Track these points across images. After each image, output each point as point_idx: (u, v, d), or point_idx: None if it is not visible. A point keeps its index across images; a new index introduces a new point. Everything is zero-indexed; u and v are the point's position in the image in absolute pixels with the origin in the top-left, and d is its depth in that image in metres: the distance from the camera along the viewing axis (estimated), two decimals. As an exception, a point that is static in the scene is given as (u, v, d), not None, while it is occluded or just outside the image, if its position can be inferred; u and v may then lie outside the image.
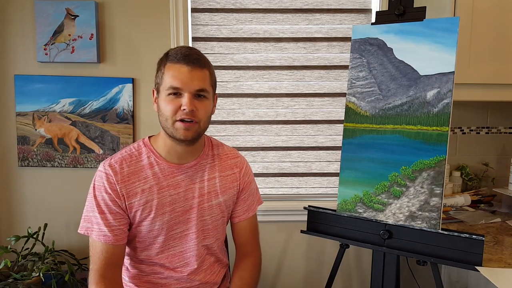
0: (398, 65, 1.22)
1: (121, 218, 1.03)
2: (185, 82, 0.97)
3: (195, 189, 1.09)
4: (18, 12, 1.80)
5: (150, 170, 1.06)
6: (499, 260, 1.19)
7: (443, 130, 1.14)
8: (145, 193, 1.04)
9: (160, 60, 1.04)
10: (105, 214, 1.01)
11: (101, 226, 1.01)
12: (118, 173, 1.03)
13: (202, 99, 1.01)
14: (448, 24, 1.14)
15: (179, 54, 0.99)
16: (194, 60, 0.99)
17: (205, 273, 1.14)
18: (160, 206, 1.05)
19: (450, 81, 1.13)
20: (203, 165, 1.12)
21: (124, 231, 1.04)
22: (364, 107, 1.28)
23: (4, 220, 1.90)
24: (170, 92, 0.98)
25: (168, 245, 1.08)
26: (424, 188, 1.16)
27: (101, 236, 1.00)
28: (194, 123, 0.99)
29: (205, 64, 1.02)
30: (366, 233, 1.27)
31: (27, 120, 1.83)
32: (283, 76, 1.92)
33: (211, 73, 1.04)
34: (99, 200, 1.02)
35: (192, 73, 0.98)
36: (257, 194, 1.27)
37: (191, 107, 0.97)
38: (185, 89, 0.98)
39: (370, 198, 1.25)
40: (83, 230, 1.03)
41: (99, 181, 1.03)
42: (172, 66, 0.99)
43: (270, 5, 1.90)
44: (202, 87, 0.99)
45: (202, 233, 1.11)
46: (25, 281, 1.52)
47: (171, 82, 0.97)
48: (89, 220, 1.03)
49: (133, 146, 1.10)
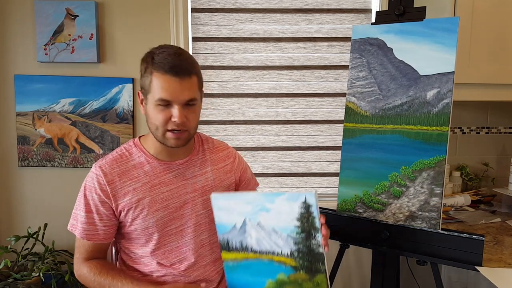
0: (398, 65, 1.22)
1: (108, 219, 1.06)
2: (175, 95, 0.96)
3: (187, 185, 1.11)
4: (18, 12, 1.80)
5: (141, 169, 1.07)
6: (499, 260, 1.19)
7: (443, 130, 1.14)
8: (137, 192, 1.05)
9: (144, 61, 1.00)
10: (92, 213, 1.04)
11: (84, 225, 1.04)
12: (108, 174, 1.04)
13: (191, 107, 1.01)
14: (448, 24, 1.14)
15: (167, 65, 0.95)
16: (183, 70, 0.96)
17: (204, 269, 1.15)
18: (153, 203, 1.06)
19: (450, 81, 1.13)
20: (195, 161, 1.14)
21: (108, 232, 1.07)
22: (364, 107, 1.28)
23: (4, 220, 1.90)
24: (160, 103, 0.97)
25: (164, 241, 1.09)
26: (424, 188, 1.16)
27: (83, 235, 1.05)
28: (184, 131, 1.01)
29: (193, 69, 1.00)
30: (366, 233, 1.26)
31: (27, 120, 1.83)
32: (283, 76, 1.93)
33: (198, 76, 1.03)
34: (89, 200, 1.05)
35: (182, 85, 0.96)
36: (254, 178, 1.31)
37: (182, 118, 0.97)
38: (175, 101, 0.97)
39: (370, 198, 1.25)
40: (69, 226, 1.08)
41: (90, 181, 1.05)
42: (160, 76, 0.96)
43: (270, 5, 1.90)
44: (192, 97, 0.99)
45: (199, 227, 1.13)
46: (25, 281, 1.52)
47: (160, 94, 0.96)
48: (75, 217, 1.07)
49: (124, 147, 1.12)
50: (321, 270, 0.96)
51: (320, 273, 0.97)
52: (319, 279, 0.97)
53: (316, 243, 0.95)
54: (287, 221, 0.95)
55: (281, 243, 0.97)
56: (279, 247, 0.97)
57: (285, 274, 0.98)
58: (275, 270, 0.99)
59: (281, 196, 0.94)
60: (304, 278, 0.98)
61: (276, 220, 0.96)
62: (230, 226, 1.00)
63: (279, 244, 0.97)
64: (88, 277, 1.04)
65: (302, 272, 0.97)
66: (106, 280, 1.02)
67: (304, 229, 0.95)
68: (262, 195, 0.97)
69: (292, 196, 0.93)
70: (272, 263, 0.98)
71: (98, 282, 1.03)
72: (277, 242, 0.97)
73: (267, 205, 0.96)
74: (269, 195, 0.96)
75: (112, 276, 1.03)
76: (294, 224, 0.94)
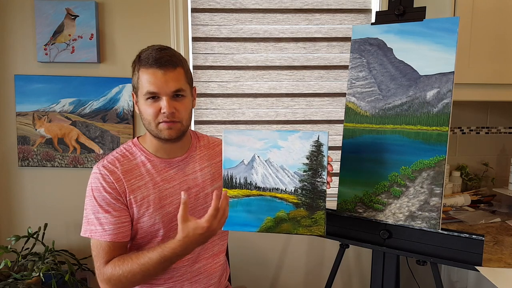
0: (398, 65, 1.22)
1: (126, 215, 1.05)
2: (161, 86, 0.99)
3: (189, 180, 1.13)
4: (18, 12, 1.80)
5: (143, 167, 1.09)
6: (499, 260, 1.20)
7: (443, 130, 1.14)
8: (141, 190, 1.06)
9: (133, 63, 1.05)
10: (110, 212, 1.03)
11: (104, 225, 1.02)
12: (113, 172, 1.05)
13: (180, 99, 1.03)
14: (448, 24, 1.14)
15: (151, 58, 0.99)
16: (166, 62, 1.00)
17: (206, 261, 1.16)
18: (158, 200, 1.07)
19: (450, 81, 1.13)
20: (193, 157, 1.16)
21: (128, 227, 1.06)
22: (364, 107, 1.28)
23: (4, 220, 1.90)
24: (148, 96, 1.01)
25: (169, 236, 1.10)
26: (424, 188, 1.16)
27: (106, 236, 1.02)
28: (176, 122, 1.03)
29: (178, 62, 1.03)
30: (366, 233, 1.27)
31: (27, 120, 1.83)
32: (283, 76, 1.93)
33: (185, 70, 1.06)
34: (100, 201, 1.03)
35: (166, 76, 0.99)
36: None
37: (170, 109, 1.00)
38: (162, 93, 1.00)
39: (370, 198, 1.25)
40: (87, 233, 1.04)
41: (96, 182, 1.04)
42: (145, 70, 1.00)
43: (270, 5, 1.90)
44: (178, 88, 1.01)
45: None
46: (25, 281, 1.52)
47: (147, 88, 1.00)
48: (91, 222, 1.03)
49: (124, 147, 1.13)
50: (321, 207, 1.01)
51: (320, 209, 1.02)
52: (318, 215, 1.02)
53: (320, 181, 1.00)
54: (297, 158, 1.00)
55: (286, 181, 1.01)
56: (284, 184, 1.02)
57: (285, 211, 1.03)
58: (276, 207, 1.03)
59: (295, 134, 1.00)
60: (303, 214, 1.02)
61: (285, 157, 1.01)
62: (237, 161, 1.03)
63: (285, 182, 1.02)
64: (115, 273, 0.99)
65: (302, 209, 1.02)
66: (133, 264, 0.98)
67: (312, 167, 1.00)
68: (276, 132, 1.02)
69: (305, 134, 0.99)
70: (274, 200, 1.02)
71: (128, 271, 0.98)
72: (283, 180, 1.01)
73: (280, 142, 1.01)
74: (283, 133, 1.01)
75: (136, 257, 0.99)
76: (303, 161, 1.00)
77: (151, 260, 0.97)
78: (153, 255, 0.97)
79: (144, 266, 0.97)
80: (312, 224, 1.02)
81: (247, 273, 1.99)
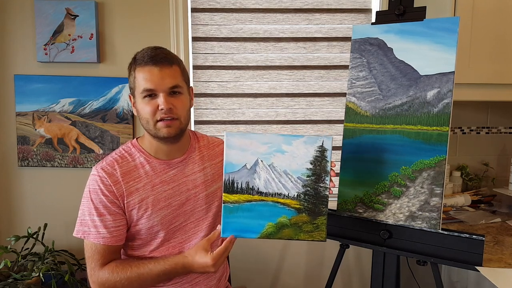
0: (398, 65, 1.22)
1: (121, 218, 1.05)
2: (157, 82, 0.99)
3: (188, 181, 1.12)
4: (18, 12, 1.80)
5: (142, 169, 1.08)
6: (499, 260, 1.19)
7: (443, 130, 1.13)
8: (140, 192, 1.06)
9: (129, 65, 1.06)
10: (105, 216, 1.02)
11: (99, 228, 1.02)
12: (112, 175, 1.04)
13: (177, 95, 1.03)
14: (448, 24, 1.14)
15: (146, 57, 1.00)
16: (162, 59, 1.00)
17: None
18: (156, 202, 1.07)
19: (450, 81, 1.13)
20: (192, 158, 1.15)
21: (123, 231, 1.05)
22: (364, 107, 1.28)
23: (4, 220, 1.90)
24: (145, 94, 1.01)
25: (169, 238, 1.10)
26: (424, 188, 1.16)
27: (99, 239, 1.02)
28: (174, 119, 1.02)
29: (173, 60, 1.04)
30: (366, 233, 1.26)
31: (27, 120, 1.83)
32: (283, 76, 1.92)
33: (181, 68, 1.06)
34: (96, 203, 1.03)
35: (162, 72, 1.00)
36: None
37: (168, 105, 1.00)
38: (158, 89, 1.00)
39: (370, 198, 1.25)
40: (80, 234, 1.04)
41: (94, 184, 1.04)
42: (141, 69, 1.01)
43: (270, 5, 1.90)
44: (174, 84, 1.02)
45: (202, 222, 1.14)
46: (25, 281, 1.52)
47: (144, 85, 1.00)
48: (85, 223, 1.03)
49: (123, 148, 1.12)
50: (323, 212, 1.01)
51: (322, 215, 1.01)
52: (319, 221, 1.01)
53: (323, 186, 1.00)
54: (301, 163, 0.99)
55: (289, 186, 1.00)
56: (287, 189, 1.00)
57: (287, 217, 1.01)
58: (277, 213, 1.01)
59: (300, 138, 0.99)
60: (305, 220, 1.01)
61: (289, 162, 0.99)
62: (239, 166, 1.00)
63: (288, 187, 1.00)
64: (112, 279, 1.00)
65: (304, 214, 1.01)
66: (132, 273, 0.99)
67: (315, 172, 1.00)
68: (280, 136, 1.00)
69: (310, 139, 0.98)
70: (276, 205, 1.01)
71: (126, 278, 0.99)
72: (286, 185, 1.00)
73: (284, 146, 0.99)
74: (288, 137, 1.00)
75: (137, 266, 1.01)
76: (306, 166, 0.99)
77: (151, 271, 0.99)
78: (154, 267, 0.99)
79: (143, 276, 1.00)
80: (313, 229, 1.01)
81: (247, 273, 1.98)
